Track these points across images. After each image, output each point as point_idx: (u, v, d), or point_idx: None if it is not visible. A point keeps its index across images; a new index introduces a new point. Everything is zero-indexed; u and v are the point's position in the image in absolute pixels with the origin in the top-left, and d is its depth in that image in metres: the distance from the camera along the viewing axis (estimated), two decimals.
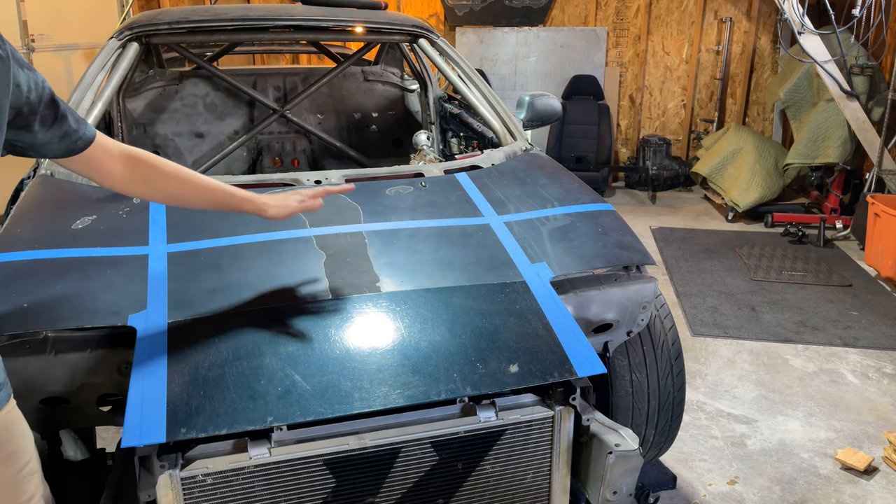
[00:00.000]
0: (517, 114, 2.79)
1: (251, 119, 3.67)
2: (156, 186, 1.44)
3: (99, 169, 1.38)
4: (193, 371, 1.39)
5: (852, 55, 5.27)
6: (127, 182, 1.41)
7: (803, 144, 5.54)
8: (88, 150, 1.33)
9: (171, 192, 1.47)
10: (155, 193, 1.46)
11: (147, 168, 1.42)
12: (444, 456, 1.46)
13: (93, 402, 1.52)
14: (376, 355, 1.47)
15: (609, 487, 1.51)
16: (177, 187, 1.46)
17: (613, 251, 1.89)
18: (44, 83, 1.23)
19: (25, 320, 1.46)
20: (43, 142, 1.26)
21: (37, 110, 1.21)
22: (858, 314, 3.97)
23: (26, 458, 1.26)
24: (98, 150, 1.35)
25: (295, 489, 1.38)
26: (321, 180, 2.11)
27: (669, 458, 2.64)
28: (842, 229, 5.37)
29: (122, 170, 1.39)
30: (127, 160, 1.40)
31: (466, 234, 1.90)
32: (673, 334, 2.09)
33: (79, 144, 1.31)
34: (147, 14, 2.78)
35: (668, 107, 7.02)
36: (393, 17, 2.99)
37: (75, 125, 1.29)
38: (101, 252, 1.69)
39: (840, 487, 2.52)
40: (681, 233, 5.51)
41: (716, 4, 6.66)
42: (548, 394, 1.53)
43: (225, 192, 1.52)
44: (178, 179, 1.46)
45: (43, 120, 1.23)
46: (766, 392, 3.15)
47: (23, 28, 4.95)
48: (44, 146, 1.27)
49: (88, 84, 2.40)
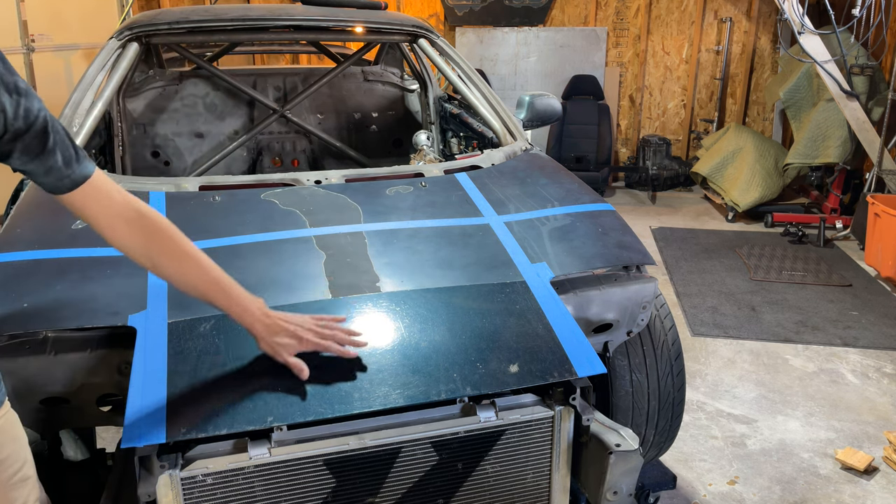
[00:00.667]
0: (517, 114, 2.79)
1: (251, 119, 3.67)
2: (153, 259, 1.31)
3: (93, 218, 1.25)
4: (193, 371, 1.39)
5: (852, 55, 5.27)
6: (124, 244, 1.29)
7: (803, 144, 5.54)
8: (77, 192, 1.21)
9: (164, 270, 1.33)
10: (149, 265, 1.32)
11: (154, 236, 1.28)
12: (444, 456, 1.46)
13: (93, 402, 1.52)
14: (376, 355, 1.47)
15: (609, 487, 1.51)
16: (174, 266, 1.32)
17: (613, 251, 1.89)
18: (39, 112, 1.14)
19: (25, 320, 1.46)
20: (28, 171, 1.18)
21: (21, 138, 1.12)
22: (858, 314, 3.97)
23: (18, 463, 1.25)
24: (93, 196, 1.23)
25: (295, 489, 1.38)
26: (321, 180, 2.11)
27: (669, 458, 2.64)
28: (842, 229, 5.37)
29: (125, 229, 1.26)
30: (134, 219, 1.27)
31: (466, 234, 1.90)
32: (673, 334, 2.09)
33: (65, 183, 1.20)
34: (147, 14, 2.78)
35: (668, 107, 7.02)
36: (393, 17, 2.99)
37: (63, 163, 1.18)
38: (101, 252, 1.69)
39: (840, 487, 2.52)
40: (681, 233, 5.51)
41: (716, 4, 6.66)
42: (548, 394, 1.52)
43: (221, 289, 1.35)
44: (182, 256, 1.31)
45: (26, 149, 1.14)
46: (766, 392, 3.15)
47: (23, 28, 4.95)
48: (32, 177, 1.19)
49: (88, 84, 2.39)
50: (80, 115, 2.29)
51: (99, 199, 1.24)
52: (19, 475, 1.25)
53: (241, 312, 1.37)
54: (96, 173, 1.24)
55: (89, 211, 1.25)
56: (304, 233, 1.83)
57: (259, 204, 1.95)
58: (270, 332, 1.38)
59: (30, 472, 1.29)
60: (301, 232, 1.83)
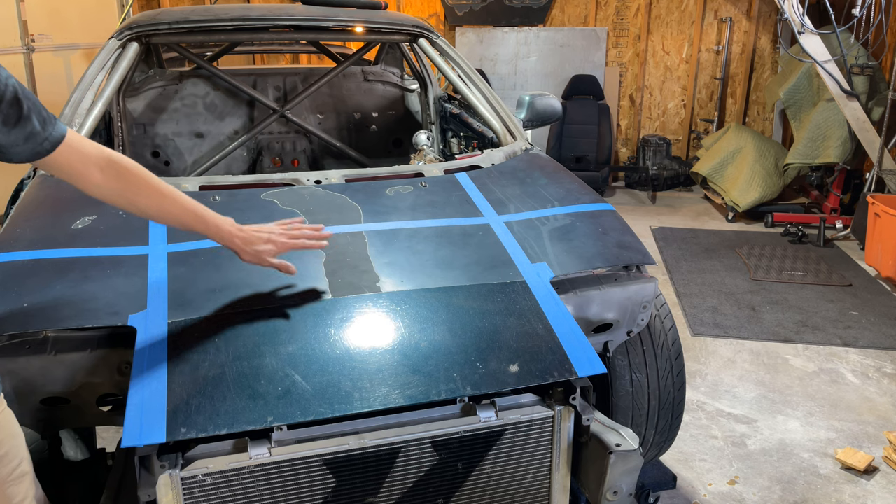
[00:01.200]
0: (517, 114, 2.79)
1: (251, 119, 3.67)
2: (130, 199, 1.38)
3: (71, 173, 1.31)
4: (193, 371, 1.39)
5: (852, 55, 5.27)
6: (102, 190, 1.35)
7: (803, 144, 5.54)
8: (57, 152, 1.25)
9: (142, 207, 1.40)
10: (128, 206, 1.40)
11: (126, 177, 1.35)
12: (444, 456, 1.46)
13: (93, 402, 1.52)
14: (376, 355, 1.47)
15: (609, 487, 1.51)
16: (151, 203, 1.40)
17: (613, 251, 1.89)
18: (7, 79, 1.16)
19: (25, 320, 1.46)
20: (5, 143, 1.19)
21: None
22: (858, 314, 3.97)
23: (17, 460, 1.25)
24: (69, 152, 1.28)
25: (295, 489, 1.38)
26: (321, 180, 2.11)
27: (669, 457, 2.64)
28: (842, 229, 5.37)
29: (99, 177, 1.33)
30: (106, 166, 1.33)
31: (466, 233, 1.90)
32: (673, 334, 2.09)
33: (45, 146, 1.23)
34: (147, 14, 2.78)
35: (668, 106, 7.02)
36: (393, 16, 2.99)
37: (40, 126, 1.21)
38: (101, 252, 1.69)
39: (840, 487, 2.52)
40: (681, 233, 5.51)
41: (716, 4, 6.66)
42: (548, 394, 1.53)
43: (196, 216, 1.46)
44: (155, 193, 1.40)
45: (5, 120, 1.16)
46: (766, 392, 3.15)
47: (23, 28, 4.95)
48: (8, 148, 1.21)
49: (88, 84, 2.40)
50: (80, 115, 2.29)
51: (74, 154, 1.29)
52: (17, 471, 1.25)
53: (218, 232, 1.49)
54: (69, 130, 1.29)
55: (68, 167, 1.30)
56: None
57: (259, 204, 1.95)
58: (248, 243, 1.51)
59: (27, 468, 1.29)
60: None
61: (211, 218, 1.48)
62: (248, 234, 1.52)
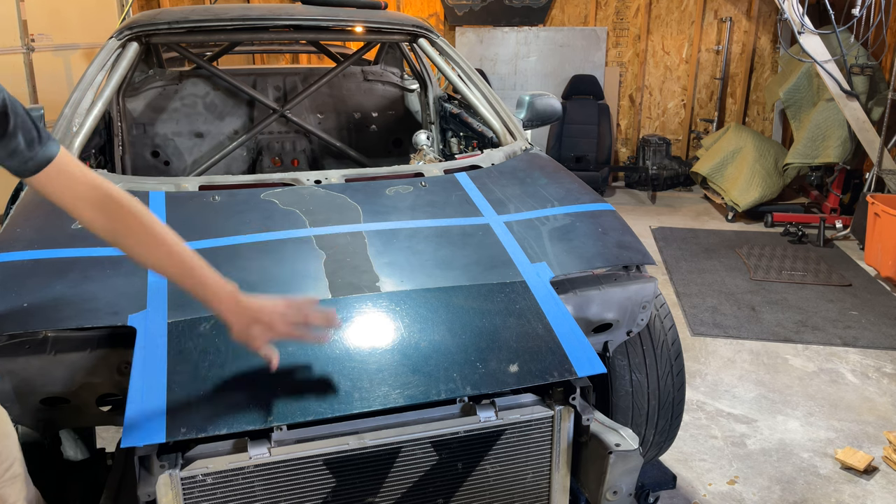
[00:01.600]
0: (517, 113, 2.79)
1: (251, 119, 3.67)
2: (119, 241, 1.29)
3: (58, 201, 1.25)
4: (193, 371, 1.39)
5: (852, 55, 5.27)
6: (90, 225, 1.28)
7: (803, 144, 5.54)
8: (42, 175, 1.21)
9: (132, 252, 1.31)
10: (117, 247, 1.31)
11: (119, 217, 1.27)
12: (443, 456, 1.46)
13: (93, 402, 1.52)
14: (376, 355, 1.47)
15: (609, 487, 1.51)
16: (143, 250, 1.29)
17: (613, 251, 1.89)
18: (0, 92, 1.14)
19: (25, 320, 1.46)
20: None
21: None
22: (858, 314, 3.97)
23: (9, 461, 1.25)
24: (57, 177, 1.23)
25: (295, 489, 1.38)
26: (321, 180, 2.11)
27: (669, 457, 2.64)
28: (842, 229, 5.37)
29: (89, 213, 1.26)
30: (98, 202, 1.26)
31: (466, 233, 1.90)
32: (673, 334, 2.09)
33: (28, 166, 1.20)
34: (147, 14, 2.78)
35: (667, 106, 7.02)
36: (393, 16, 2.99)
37: (25, 145, 1.18)
38: (101, 252, 1.69)
39: (840, 487, 2.52)
40: (681, 233, 5.51)
41: (716, 4, 6.65)
42: (548, 393, 1.53)
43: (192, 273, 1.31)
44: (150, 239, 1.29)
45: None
46: (766, 392, 3.15)
47: (23, 28, 4.95)
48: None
49: (88, 84, 2.39)
50: (80, 114, 2.29)
51: (62, 180, 1.24)
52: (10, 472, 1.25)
53: (210, 299, 1.33)
54: (60, 154, 1.25)
55: (53, 193, 1.25)
56: (304, 232, 1.83)
57: (259, 204, 1.95)
58: (241, 323, 1.33)
59: (19, 469, 1.29)
60: (301, 232, 1.83)
61: (206, 280, 1.32)
62: (243, 312, 1.33)
